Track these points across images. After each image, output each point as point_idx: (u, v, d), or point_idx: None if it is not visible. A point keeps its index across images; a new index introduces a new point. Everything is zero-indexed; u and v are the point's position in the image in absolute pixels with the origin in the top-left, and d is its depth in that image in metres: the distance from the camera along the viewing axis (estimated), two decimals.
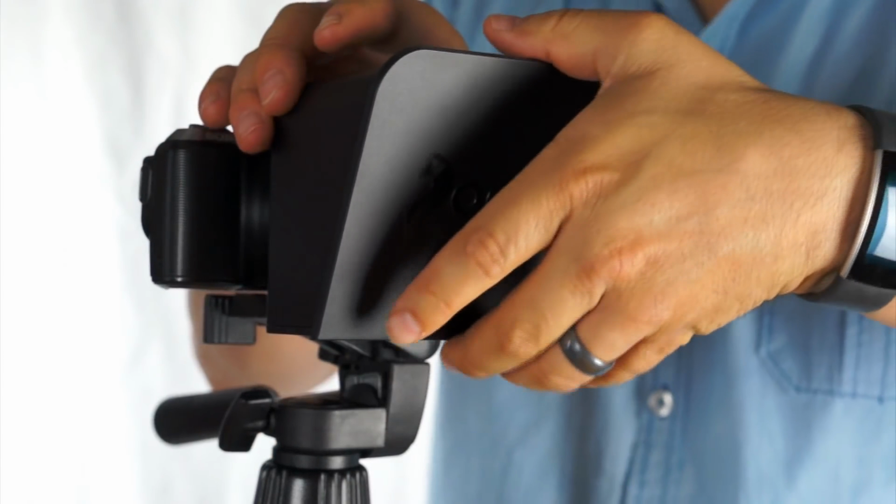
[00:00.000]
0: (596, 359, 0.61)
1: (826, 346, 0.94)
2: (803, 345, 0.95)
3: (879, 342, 0.93)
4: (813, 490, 0.95)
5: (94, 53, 1.92)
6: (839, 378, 0.94)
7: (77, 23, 1.91)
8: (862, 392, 0.94)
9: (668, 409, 0.98)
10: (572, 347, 0.61)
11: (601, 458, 1.01)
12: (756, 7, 0.96)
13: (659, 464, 0.99)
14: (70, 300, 1.93)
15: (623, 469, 1.00)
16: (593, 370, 0.62)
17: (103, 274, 1.95)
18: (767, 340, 0.95)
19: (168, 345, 1.96)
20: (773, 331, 0.95)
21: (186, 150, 0.67)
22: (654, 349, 0.62)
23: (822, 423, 0.94)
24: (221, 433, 0.72)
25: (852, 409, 0.94)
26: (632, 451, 1.00)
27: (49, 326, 1.92)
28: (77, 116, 1.92)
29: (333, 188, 0.61)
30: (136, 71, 1.94)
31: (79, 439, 1.94)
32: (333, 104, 0.64)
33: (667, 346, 0.62)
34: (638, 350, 0.62)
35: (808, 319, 0.94)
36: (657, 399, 0.99)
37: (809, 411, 0.95)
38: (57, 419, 1.93)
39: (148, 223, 0.69)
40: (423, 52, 0.60)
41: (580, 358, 0.61)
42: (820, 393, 0.94)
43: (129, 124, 1.94)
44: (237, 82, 0.68)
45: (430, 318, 0.60)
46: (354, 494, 0.71)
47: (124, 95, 1.94)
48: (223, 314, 0.71)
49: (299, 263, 0.64)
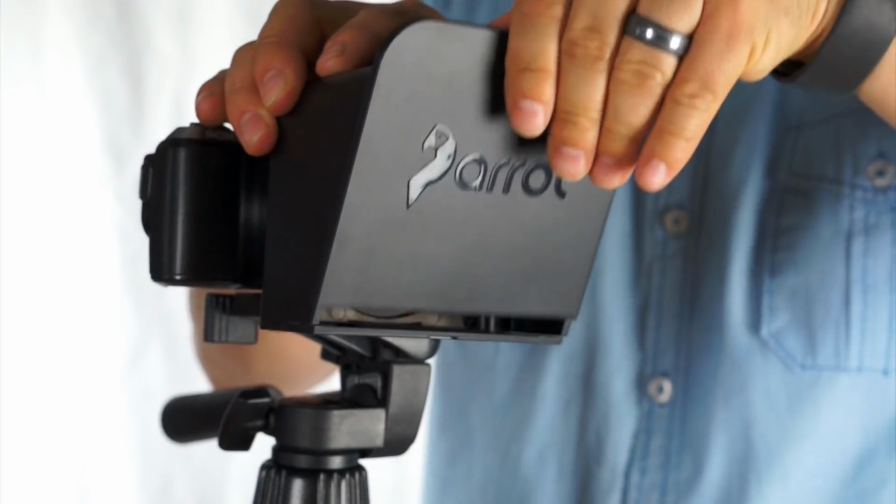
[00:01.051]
0: (665, 29, 0.59)
1: (830, 322, 0.95)
2: (806, 323, 0.95)
3: (883, 315, 0.94)
4: (820, 463, 0.96)
5: (94, 53, 1.92)
6: (846, 353, 0.95)
7: (77, 22, 1.91)
8: (868, 366, 0.95)
9: (667, 396, 0.99)
10: (640, 30, 0.59)
11: (603, 447, 1.01)
12: None
13: (659, 450, 0.99)
14: (70, 299, 1.93)
15: (625, 457, 1.00)
16: (668, 44, 0.59)
17: (103, 273, 1.95)
18: (769, 321, 0.96)
19: (168, 344, 1.96)
20: (773, 310, 0.96)
21: (187, 149, 0.67)
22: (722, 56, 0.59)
23: (829, 398, 0.95)
24: (221, 432, 0.72)
25: (858, 383, 0.95)
26: (633, 438, 1.00)
27: (49, 326, 1.92)
28: (77, 116, 1.92)
29: (332, 178, 0.61)
30: (136, 70, 1.94)
31: (79, 438, 1.94)
32: (332, 98, 0.64)
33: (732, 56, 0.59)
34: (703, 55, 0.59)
35: (811, 297, 0.95)
36: (657, 386, 0.99)
37: (816, 388, 0.96)
38: (57, 419, 1.93)
39: (148, 221, 0.69)
40: (429, 24, 0.59)
41: (651, 35, 0.59)
42: (826, 369, 0.95)
43: (128, 124, 1.94)
44: (231, 78, 0.67)
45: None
46: (353, 494, 0.71)
47: (124, 95, 1.94)
48: (224, 313, 0.71)
49: (295, 259, 0.64)
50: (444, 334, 0.68)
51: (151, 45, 1.94)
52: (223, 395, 0.82)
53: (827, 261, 0.96)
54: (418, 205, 0.61)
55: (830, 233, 0.96)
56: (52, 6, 1.90)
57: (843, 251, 0.95)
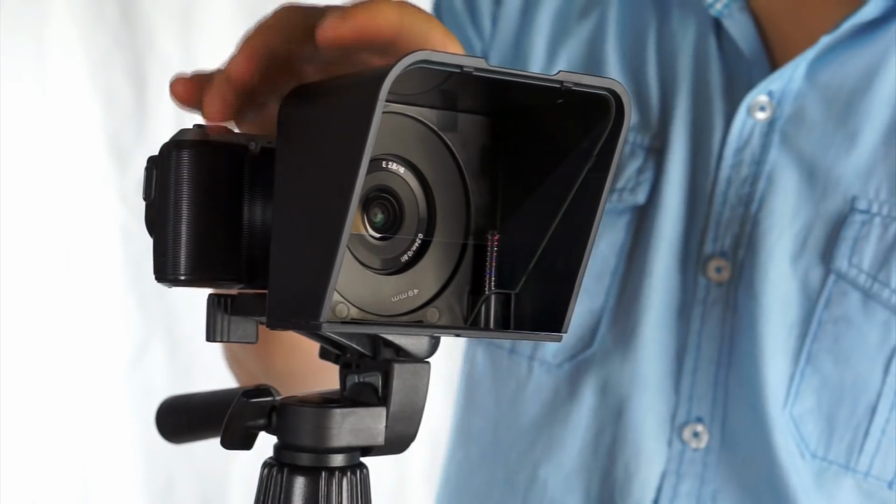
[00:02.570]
0: None
1: (852, 424, 0.95)
2: (828, 416, 0.96)
3: None
4: None
5: (98, 54, 1.93)
6: (858, 456, 0.95)
7: (80, 23, 1.91)
8: (875, 474, 0.95)
9: (703, 442, 0.99)
10: None
11: (630, 483, 1.02)
12: (830, 53, 0.98)
13: (690, 494, 0.99)
14: (73, 299, 1.93)
15: (651, 496, 1.01)
16: None
17: (106, 273, 1.95)
18: (793, 401, 0.96)
19: (170, 343, 1.97)
20: (800, 394, 0.96)
21: (190, 150, 0.68)
22: None
23: (831, 493, 0.96)
24: (223, 431, 0.72)
25: (862, 487, 0.95)
26: (661, 479, 1.01)
27: (52, 325, 1.92)
28: (80, 117, 1.93)
29: (337, 183, 0.62)
30: (139, 72, 1.95)
31: (82, 437, 1.94)
32: (335, 102, 0.65)
33: None
34: None
35: (839, 394, 0.95)
36: (692, 431, 1.00)
37: (821, 479, 0.96)
38: (60, 418, 1.93)
39: (151, 222, 0.69)
40: (426, 54, 0.61)
41: None
42: (835, 465, 0.96)
43: (131, 125, 1.94)
44: None
45: None
46: (355, 492, 0.72)
47: (127, 96, 1.94)
48: (225, 313, 0.71)
49: (302, 258, 0.65)
50: (447, 332, 0.69)
51: (155, 46, 1.94)
52: (217, 394, 0.82)
53: (865, 366, 0.95)
54: None
55: (878, 341, 0.95)
56: (56, 7, 1.90)
57: (884, 363, 0.95)
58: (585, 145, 0.67)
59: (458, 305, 0.71)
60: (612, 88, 0.65)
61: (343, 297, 0.67)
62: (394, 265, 0.69)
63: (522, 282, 0.70)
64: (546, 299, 0.69)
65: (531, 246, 0.69)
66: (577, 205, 0.68)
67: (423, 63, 0.61)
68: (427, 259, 0.70)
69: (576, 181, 0.67)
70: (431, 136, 0.69)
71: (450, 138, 0.70)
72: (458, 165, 0.70)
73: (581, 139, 0.67)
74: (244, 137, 0.69)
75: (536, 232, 0.69)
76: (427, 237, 0.70)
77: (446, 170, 0.70)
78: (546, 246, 0.69)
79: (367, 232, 0.69)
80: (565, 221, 0.68)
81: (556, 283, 0.68)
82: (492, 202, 0.71)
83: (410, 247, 0.70)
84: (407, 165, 0.69)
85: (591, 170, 0.67)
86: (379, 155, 0.68)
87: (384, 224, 0.69)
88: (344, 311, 0.67)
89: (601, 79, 0.65)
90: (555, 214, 0.68)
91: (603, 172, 0.66)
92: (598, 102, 0.65)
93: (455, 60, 0.62)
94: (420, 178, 0.70)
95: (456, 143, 0.70)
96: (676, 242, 1.02)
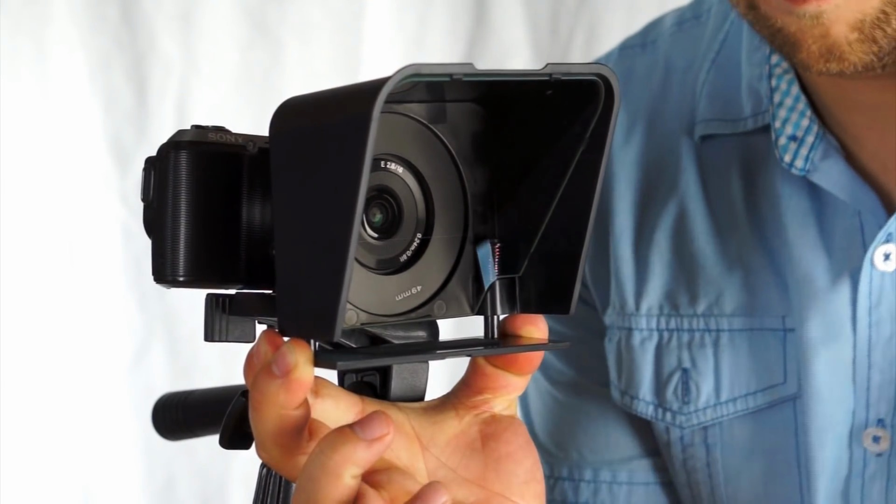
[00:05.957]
0: None
1: None
2: None
3: None
4: None
5: (98, 55, 1.93)
6: None
7: (81, 24, 1.91)
8: None
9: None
10: None
11: None
12: None
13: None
14: (73, 300, 1.94)
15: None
16: None
17: (106, 274, 1.95)
18: None
19: (171, 344, 1.97)
20: None
21: (188, 151, 0.68)
22: None
23: None
24: (222, 431, 0.72)
25: None
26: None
27: (52, 326, 1.92)
28: (80, 117, 1.93)
29: (339, 198, 0.62)
30: (140, 72, 1.95)
31: (82, 437, 1.94)
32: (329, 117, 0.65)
33: None
34: None
35: None
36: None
37: None
38: (60, 418, 1.93)
39: (150, 224, 0.69)
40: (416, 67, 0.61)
41: None
42: None
43: (132, 125, 1.94)
44: None
45: None
46: None
47: (128, 96, 1.94)
48: (224, 313, 0.71)
49: (307, 278, 0.65)
50: (459, 353, 0.69)
51: (155, 47, 1.94)
52: (214, 391, 0.82)
53: None
54: None
55: None
56: (56, 8, 1.90)
57: None
58: (577, 129, 0.68)
59: (464, 293, 0.71)
60: (601, 73, 0.66)
61: (350, 303, 0.67)
62: (393, 265, 0.70)
63: (525, 265, 0.70)
64: (550, 281, 0.70)
65: (531, 229, 0.70)
66: (573, 187, 0.68)
67: (414, 77, 0.62)
68: (427, 256, 0.70)
69: (570, 163, 0.68)
70: (422, 130, 0.70)
71: (440, 129, 0.70)
72: (451, 155, 0.70)
73: (573, 122, 0.67)
74: (242, 138, 0.70)
75: (535, 215, 0.70)
76: (426, 236, 0.70)
77: (440, 162, 0.70)
78: (546, 228, 0.69)
79: (365, 232, 0.69)
80: (563, 204, 0.69)
81: (558, 264, 0.69)
82: (488, 189, 0.71)
83: (409, 246, 0.70)
84: (404, 164, 0.69)
85: (584, 151, 0.68)
86: (377, 155, 0.68)
87: (383, 224, 0.69)
88: (353, 318, 0.67)
89: (589, 65, 0.66)
90: (552, 197, 0.69)
91: (597, 154, 0.67)
92: (588, 87, 0.66)
93: (444, 70, 0.63)
94: (417, 176, 0.70)
95: (447, 134, 0.70)
96: (828, 418, 0.96)
